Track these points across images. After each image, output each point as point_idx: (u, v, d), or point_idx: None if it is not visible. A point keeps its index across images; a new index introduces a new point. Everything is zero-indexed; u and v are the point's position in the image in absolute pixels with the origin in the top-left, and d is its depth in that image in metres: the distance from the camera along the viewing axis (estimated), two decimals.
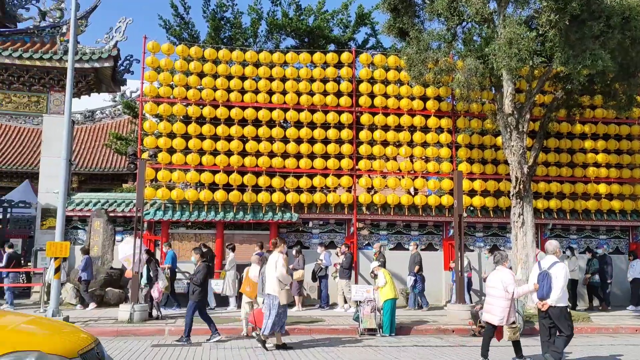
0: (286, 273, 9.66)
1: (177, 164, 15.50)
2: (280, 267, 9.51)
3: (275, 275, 9.52)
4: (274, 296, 9.55)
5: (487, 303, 8.54)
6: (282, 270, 9.52)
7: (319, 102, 16.12)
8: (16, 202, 18.64)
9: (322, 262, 14.87)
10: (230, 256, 14.48)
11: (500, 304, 8.24)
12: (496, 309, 8.28)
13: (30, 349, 3.90)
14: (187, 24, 18.31)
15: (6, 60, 16.36)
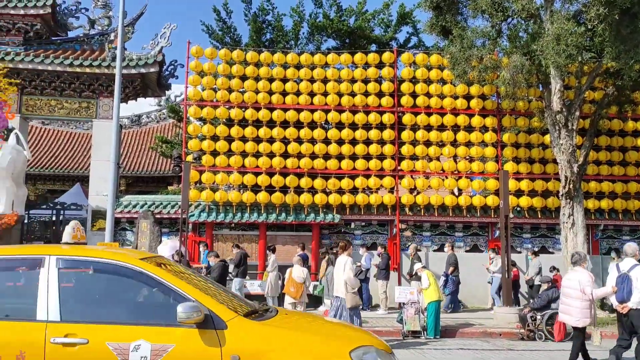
0: (353, 277, 9.61)
1: (221, 166, 15.72)
2: (348, 270, 9.46)
3: (343, 278, 9.50)
4: (342, 298, 9.51)
5: (563, 304, 8.37)
6: (349, 274, 9.46)
7: (361, 102, 16.05)
8: (68, 205, 19.28)
9: (363, 265, 14.73)
10: (272, 257, 14.53)
11: (577, 305, 8.06)
12: (573, 310, 8.11)
13: (367, 344, 4.21)
14: (229, 28, 18.58)
15: (58, 67, 16.97)
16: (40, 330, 3.85)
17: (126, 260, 4.31)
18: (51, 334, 3.83)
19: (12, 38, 17.51)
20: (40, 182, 29.36)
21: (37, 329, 3.87)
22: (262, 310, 4.61)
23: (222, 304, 4.19)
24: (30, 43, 17.72)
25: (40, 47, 17.77)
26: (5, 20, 17.28)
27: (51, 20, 17.87)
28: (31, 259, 4.35)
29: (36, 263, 4.20)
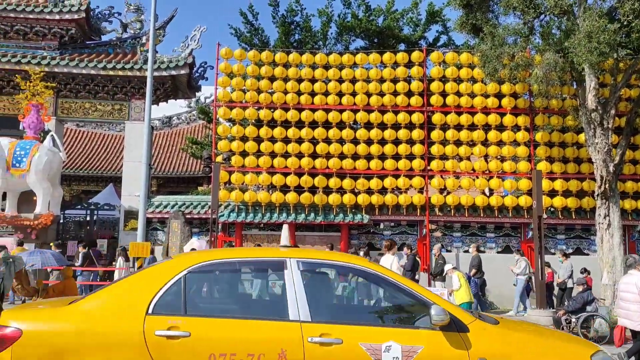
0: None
1: (250, 167, 15.83)
2: (395, 270, 9.44)
3: None
4: None
5: (621, 308, 8.22)
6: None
7: (389, 102, 15.96)
8: (101, 205, 19.73)
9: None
10: None
11: (636, 309, 7.91)
12: (633, 314, 7.93)
13: (601, 349, 4.29)
14: (257, 30, 18.70)
15: (92, 71, 17.37)
16: (296, 330, 3.97)
17: (364, 264, 4.49)
18: (307, 334, 3.94)
19: (48, 42, 17.98)
20: (75, 183, 30.07)
21: (293, 329, 3.98)
22: (476, 314, 4.67)
23: (459, 308, 4.32)
24: (66, 47, 18.18)
25: (75, 51, 18.20)
26: (41, 26, 17.76)
27: (85, 25, 18.29)
28: (274, 261, 4.51)
29: (279, 265, 4.35)
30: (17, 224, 15.67)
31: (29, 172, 15.51)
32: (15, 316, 4.08)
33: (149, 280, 4.18)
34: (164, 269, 4.30)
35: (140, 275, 4.35)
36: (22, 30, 17.82)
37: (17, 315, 4.11)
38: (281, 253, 4.56)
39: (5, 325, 3.94)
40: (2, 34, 17.88)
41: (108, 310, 4.01)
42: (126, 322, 3.93)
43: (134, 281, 4.28)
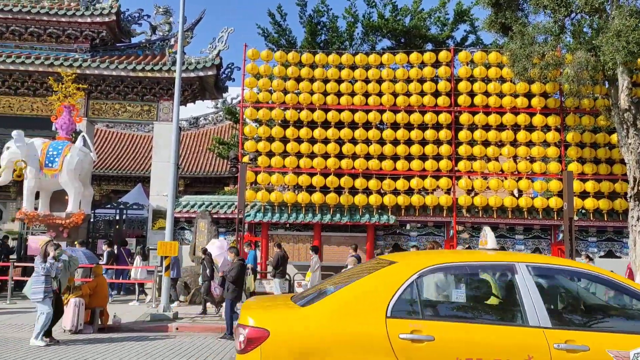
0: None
1: (276, 167, 15.90)
2: None
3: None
4: None
5: None
6: None
7: (416, 102, 15.85)
8: (130, 205, 20.03)
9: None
10: (314, 258, 14.52)
11: None
12: None
13: None
14: (285, 30, 18.78)
15: (122, 72, 17.68)
16: (539, 336, 3.95)
17: (595, 269, 4.48)
18: (552, 340, 3.93)
19: (80, 45, 18.37)
20: (105, 182, 30.65)
21: (537, 335, 3.97)
22: None
23: None
24: (97, 49, 18.54)
25: (105, 53, 18.56)
26: (73, 28, 18.16)
27: (116, 28, 18.63)
28: (503, 265, 4.52)
29: (509, 270, 4.38)
30: (49, 222, 16.03)
31: (61, 171, 15.84)
32: (261, 317, 4.22)
33: (383, 283, 4.24)
34: (396, 271, 4.34)
35: (373, 278, 4.37)
36: (54, 33, 18.24)
37: (263, 317, 4.25)
38: (509, 257, 4.56)
39: (254, 326, 4.10)
40: (35, 37, 18.33)
41: (348, 312, 4.09)
42: (368, 325, 4.00)
43: (368, 284, 4.33)
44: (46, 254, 9.70)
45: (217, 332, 11.23)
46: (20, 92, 18.33)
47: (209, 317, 12.69)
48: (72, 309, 10.60)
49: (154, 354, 8.98)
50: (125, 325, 11.44)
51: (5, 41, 18.30)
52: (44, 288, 9.45)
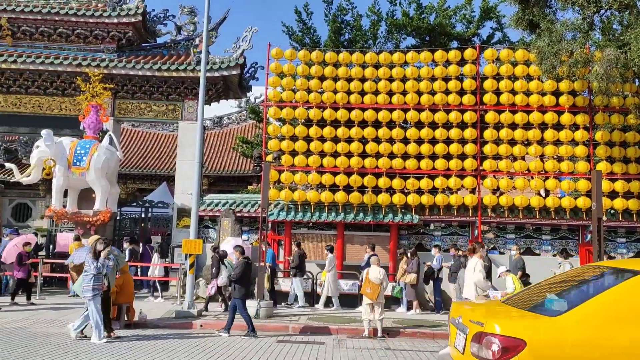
0: (484, 280, 9.44)
1: (299, 166, 15.91)
2: (478, 272, 9.32)
3: (473, 280, 9.37)
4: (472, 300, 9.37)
5: None
6: (479, 276, 9.30)
7: (441, 101, 15.70)
8: (155, 203, 20.25)
9: (433, 265, 14.39)
10: (329, 257, 14.53)
11: None
12: None
13: None
14: (309, 29, 18.79)
15: (148, 72, 17.88)
16: None
17: None
18: None
19: (107, 45, 18.64)
20: (131, 181, 31.09)
21: None
22: None
23: None
24: (123, 50, 18.80)
25: (131, 53, 18.80)
26: (100, 29, 18.43)
27: (142, 28, 18.85)
28: None
29: None
30: (77, 220, 16.32)
31: (88, 170, 16.11)
32: (514, 327, 4.31)
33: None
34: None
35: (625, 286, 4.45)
36: (82, 34, 18.54)
37: (516, 327, 4.33)
38: None
39: (508, 335, 4.19)
40: (64, 38, 18.66)
41: (606, 320, 4.15)
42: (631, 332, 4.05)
43: (621, 292, 4.39)
44: (97, 252, 9.82)
45: (240, 329, 11.29)
46: (49, 92, 18.68)
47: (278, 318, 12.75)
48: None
49: (178, 350, 9.07)
50: (151, 322, 11.58)
51: (35, 42, 18.67)
52: (93, 286, 9.57)
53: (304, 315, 12.89)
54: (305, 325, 11.65)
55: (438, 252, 14.65)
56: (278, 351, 9.34)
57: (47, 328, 10.82)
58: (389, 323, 11.90)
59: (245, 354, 8.98)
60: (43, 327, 10.95)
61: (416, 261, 14.20)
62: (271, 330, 11.37)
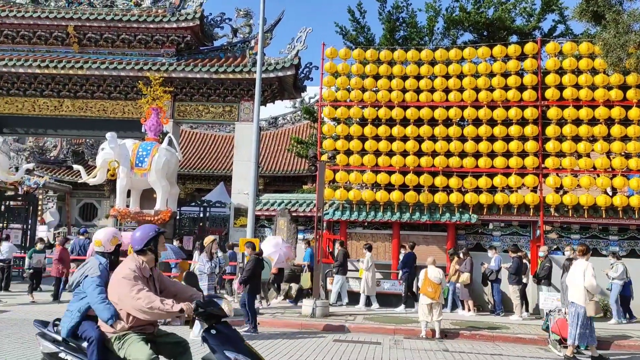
0: (595, 284, 9.19)
1: (354, 165, 15.86)
2: (590, 276, 9.07)
3: (584, 284, 9.14)
4: (579, 305, 9.12)
5: None
6: (591, 281, 9.04)
7: (500, 97, 15.26)
8: (213, 203, 20.70)
9: (490, 267, 13.98)
10: (367, 255, 14.37)
11: None
12: None
13: None
14: (363, 28, 18.70)
15: (205, 75, 18.32)
16: None
17: None
18: None
19: (167, 50, 19.23)
20: (189, 181, 31.95)
21: None
22: None
23: None
24: (182, 53, 19.33)
25: (190, 57, 19.31)
26: (160, 34, 19.04)
27: (199, 32, 19.33)
28: None
29: None
30: (139, 219, 16.90)
31: (149, 171, 16.65)
32: None
33: None
34: None
35: None
36: (143, 39, 19.20)
37: None
38: None
39: None
40: (126, 44, 19.39)
41: None
42: None
43: None
44: (212, 253, 10.14)
45: (293, 327, 11.36)
46: (113, 96, 19.45)
47: (289, 312, 12.87)
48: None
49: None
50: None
51: (99, 48, 19.49)
52: (208, 285, 9.91)
53: (359, 315, 12.84)
54: (362, 325, 11.60)
55: (495, 252, 14.26)
56: (334, 350, 9.34)
57: None
58: (447, 324, 11.68)
59: (302, 353, 9.03)
60: None
61: (469, 260, 13.89)
62: (327, 329, 11.37)
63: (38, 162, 31.62)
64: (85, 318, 4.54)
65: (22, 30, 19.26)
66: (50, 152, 34.42)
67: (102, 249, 4.80)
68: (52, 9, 19.18)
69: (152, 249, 4.63)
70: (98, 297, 4.45)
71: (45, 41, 19.45)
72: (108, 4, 19.51)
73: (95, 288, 4.48)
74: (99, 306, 4.43)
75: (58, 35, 19.23)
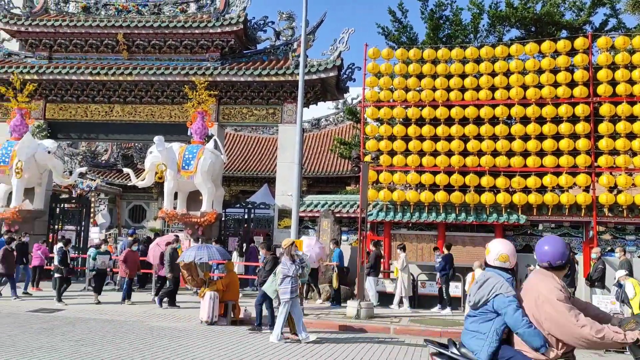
0: None
1: (398, 166, 15.71)
2: None
3: None
4: None
5: None
6: None
7: (549, 94, 14.80)
8: (258, 204, 20.91)
9: (532, 268, 13.53)
10: (402, 256, 14.16)
11: None
12: None
13: None
14: (405, 27, 18.51)
15: (249, 78, 18.55)
16: None
17: None
18: None
19: (211, 54, 19.58)
20: (234, 183, 32.42)
21: None
22: None
23: None
24: (226, 57, 19.64)
25: (233, 60, 19.60)
26: (205, 39, 19.40)
27: (243, 36, 19.60)
28: None
29: None
30: (186, 220, 17.26)
31: (195, 173, 16.98)
32: None
33: None
34: None
35: None
36: (189, 44, 19.62)
37: None
38: None
39: None
40: (173, 49, 19.85)
41: None
42: None
43: None
44: (292, 255, 9.96)
45: (338, 329, 11.32)
46: (160, 101, 19.95)
47: (333, 313, 12.86)
48: (207, 302, 11.30)
49: (278, 345, 9.28)
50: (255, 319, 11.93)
51: (147, 54, 20.02)
52: (291, 288, 9.73)
53: (405, 317, 12.70)
54: (407, 327, 11.46)
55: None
56: (380, 352, 9.26)
57: (163, 322, 11.51)
58: None
59: (347, 354, 8.99)
60: (158, 322, 11.67)
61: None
62: (372, 331, 11.29)
63: (90, 165, 32.79)
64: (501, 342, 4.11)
65: (74, 39, 20.00)
66: (101, 156, 35.65)
67: (507, 264, 4.33)
68: (102, 18, 19.84)
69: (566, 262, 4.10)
70: (523, 321, 3.95)
71: (97, 49, 20.13)
72: (155, 11, 20.03)
73: (516, 310, 3.99)
74: (527, 331, 3.93)
75: (108, 43, 19.87)
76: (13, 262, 14.38)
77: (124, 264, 14.36)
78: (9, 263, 14.18)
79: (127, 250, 14.81)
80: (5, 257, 14.05)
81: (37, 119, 20.07)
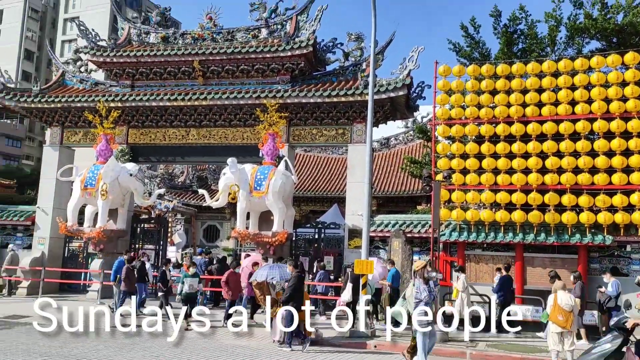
0: None
1: (471, 185, 15.27)
2: None
3: None
4: None
5: None
6: None
7: (634, 107, 13.98)
8: (328, 224, 20.93)
9: (608, 292, 12.60)
10: (462, 278, 13.65)
11: None
12: None
13: None
14: (478, 43, 18.15)
15: (318, 99, 18.74)
16: None
17: None
18: None
19: (282, 77, 20.00)
20: (304, 203, 32.71)
21: None
22: None
23: None
24: (296, 80, 19.99)
25: (303, 82, 19.91)
26: (276, 63, 19.86)
27: (312, 58, 19.89)
28: None
29: None
30: (258, 240, 17.52)
31: (267, 194, 17.26)
32: None
33: None
34: None
35: None
36: (260, 68, 20.15)
37: None
38: None
39: None
40: (245, 74, 20.45)
41: None
42: None
43: None
44: (426, 278, 8.91)
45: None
46: (233, 124, 20.54)
47: (407, 336, 12.53)
48: (280, 322, 11.33)
49: None
50: (326, 340, 11.87)
51: (221, 79, 20.73)
52: (427, 316, 8.64)
53: (481, 342, 12.18)
54: (484, 352, 10.99)
55: (611, 277, 12.89)
56: None
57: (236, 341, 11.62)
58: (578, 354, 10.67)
59: None
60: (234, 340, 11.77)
61: (579, 285, 12.64)
62: (447, 355, 10.94)
63: (167, 187, 34.23)
64: None
65: (154, 68, 21.07)
66: (178, 178, 37.15)
67: None
68: (180, 46, 20.81)
69: None
70: None
71: (174, 76, 21.10)
72: (229, 38, 20.76)
73: None
74: None
75: (185, 70, 20.78)
76: (134, 280, 15.31)
77: (226, 285, 14.37)
78: (131, 281, 15.11)
79: (230, 272, 14.73)
80: (128, 276, 15.03)
81: (121, 143, 21.18)
